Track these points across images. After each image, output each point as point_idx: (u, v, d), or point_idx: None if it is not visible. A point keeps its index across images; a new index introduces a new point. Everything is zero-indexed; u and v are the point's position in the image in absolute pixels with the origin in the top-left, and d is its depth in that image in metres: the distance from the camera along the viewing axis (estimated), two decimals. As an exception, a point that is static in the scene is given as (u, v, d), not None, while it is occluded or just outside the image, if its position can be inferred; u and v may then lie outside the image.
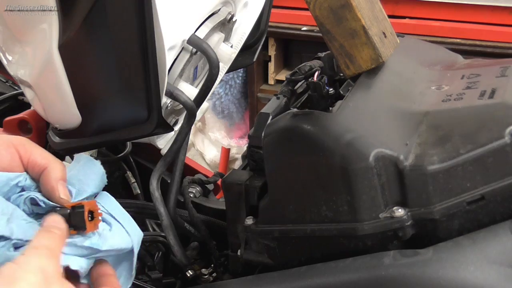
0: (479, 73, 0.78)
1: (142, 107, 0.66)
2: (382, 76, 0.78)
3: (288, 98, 0.83)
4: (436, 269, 0.59)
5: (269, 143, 0.71)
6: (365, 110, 0.73)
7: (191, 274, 0.89)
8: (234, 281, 0.78)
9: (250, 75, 2.33)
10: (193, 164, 1.16)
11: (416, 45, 0.94)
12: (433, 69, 0.84)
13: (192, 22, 0.71)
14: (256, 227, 0.73)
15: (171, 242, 0.80)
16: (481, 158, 0.62)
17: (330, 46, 0.80)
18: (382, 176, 0.64)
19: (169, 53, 0.67)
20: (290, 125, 0.70)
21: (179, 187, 0.84)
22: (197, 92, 0.73)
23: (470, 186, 0.62)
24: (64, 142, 0.70)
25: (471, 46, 1.91)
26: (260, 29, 0.92)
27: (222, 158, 2.51)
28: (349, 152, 0.65)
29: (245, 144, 1.61)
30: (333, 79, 0.87)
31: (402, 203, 0.64)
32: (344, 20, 0.78)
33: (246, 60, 0.93)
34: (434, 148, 0.64)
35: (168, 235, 0.80)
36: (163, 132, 0.73)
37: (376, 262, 0.63)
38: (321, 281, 0.65)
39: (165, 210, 0.79)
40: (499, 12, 1.93)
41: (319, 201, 0.67)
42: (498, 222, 0.63)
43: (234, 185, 0.75)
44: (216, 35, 0.76)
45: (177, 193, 0.82)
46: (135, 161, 1.08)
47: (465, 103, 0.71)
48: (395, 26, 0.87)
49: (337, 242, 0.67)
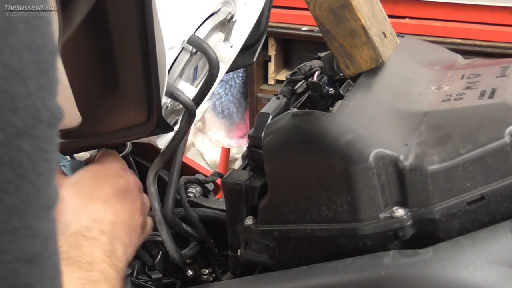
0: (479, 73, 0.78)
1: (142, 107, 0.66)
2: (382, 76, 0.78)
3: (288, 98, 0.83)
4: (436, 269, 0.59)
5: (269, 143, 0.71)
6: (365, 110, 0.73)
7: (191, 274, 0.89)
8: (234, 281, 0.78)
9: (250, 75, 2.32)
10: (193, 164, 1.16)
11: (416, 45, 0.94)
12: (433, 69, 0.84)
13: (192, 22, 0.71)
14: (256, 227, 0.73)
15: (163, 237, 0.80)
16: (481, 158, 0.62)
17: (330, 46, 0.80)
18: (382, 176, 0.64)
19: (169, 53, 0.67)
20: (290, 125, 0.70)
21: (177, 187, 0.84)
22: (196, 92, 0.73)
23: (470, 186, 0.62)
24: (64, 142, 0.70)
25: (471, 46, 1.91)
26: (260, 29, 0.92)
27: (222, 158, 2.51)
28: (349, 152, 0.65)
29: (245, 144, 1.61)
30: (333, 79, 0.87)
31: (402, 203, 0.64)
32: (344, 20, 0.78)
33: (246, 60, 0.93)
34: (434, 148, 0.64)
35: (161, 230, 0.80)
36: (163, 132, 0.73)
37: (376, 262, 0.63)
38: (321, 281, 0.65)
39: (160, 205, 0.79)
40: (499, 12, 1.93)
41: (319, 201, 0.67)
42: (498, 222, 0.63)
43: (234, 185, 0.75)
44: (216, 35, 0.76)
45: (175, 193, 0.82)
46: (135, 161, 1.07)
47: (465, 103, 0.71)
48: (395, 26, 0.87)
49: (337, 242, 0.67)
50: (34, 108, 0.34)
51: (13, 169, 0.33)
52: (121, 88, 0.66)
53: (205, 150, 2.59)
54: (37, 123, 0.34)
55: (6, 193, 0.33)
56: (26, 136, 0.34)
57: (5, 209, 0.33)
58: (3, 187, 0.33)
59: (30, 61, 0.34)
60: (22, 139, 0.34)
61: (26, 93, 0.33)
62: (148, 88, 0.64)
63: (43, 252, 0.36)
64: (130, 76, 0.64)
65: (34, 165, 0.35)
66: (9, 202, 0.34)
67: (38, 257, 0.36)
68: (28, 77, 0.34)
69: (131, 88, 0.65)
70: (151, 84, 0.63)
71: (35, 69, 0.34)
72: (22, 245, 0.35)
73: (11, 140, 0.33)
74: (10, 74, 0.33)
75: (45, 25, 0.35)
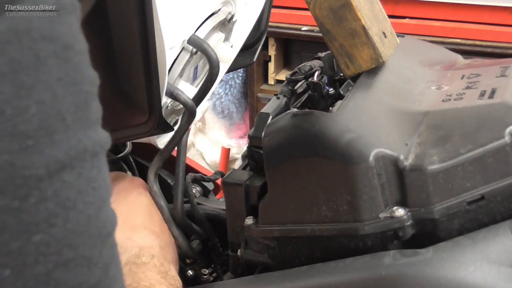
0: (479, 73, 0.78)
1: (142, 107, 0.66)
2: (382, 76, 0.78)
3: (288, 98, 0.83)
4: (436, 269, 0.59)
5: (269, 143, 0.71)
6: (365, 110, 0.73)
7: (191, 274, 0.89)
8: (234, 281, 0.78)
9: (250, 75, 2.32)
10: (193, 164, 1.16)
11: (416, 45, 0.94)
12: (433, 69, 0.84)
13: (192, 22, 0.71)
14: (256, 227, 0.73)
15: (174, 234, 0.80)
16: (481, 158, 0.62)
17: (330, 46, 0.80)
18: (382, 176, 0.64)
19: (169, 53, 0.67)
20: (290, 125, 0.70)
21: (184, 187, 0.83)
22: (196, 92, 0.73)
23: (470, 186, 0.62)
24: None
25: (471, 46, 1.91)
26: (260, 29, 0.92)
27: (222, 158, 2.51)
28: (349, 152, 0.65)
29: (245, 144, 1.61)
30: (333, 79, 0.87)
31: (402, 203, 0.64)
32: (344, 20, 0.78)
33: (246, 60, 0.93)
34: (434, 148, 0.64)
35: (171, 227, 0.80)
36: (163, 132, 0.73)
37: (376, 262, 0.63)
38: (321, 281, 0.65)
39: (165, 203, 0.79)
40: (499, 12, 1.93)
41: (319, 201, 0.67)
42: (498, 222, 0.63)
43: (234, 185, 0.75)
44: (216, 35, 0.76)
45: (183, 195, 0.82)
46: (135, 161, 1.08)
47: (465, 103, 0.71)
48: (395, 26, 0.87)
49: (337, 242, 0.67)
50: (75, 140, 0.34)
51: (58, 202, 0.33)
52: (121, 88, 0.66)
53: (205, 150, 2.59)
54: (79, 155, 0.34)
55: (54, 226, 0.33)
56: (68, 168, 0.34)
57: (54, 242, 0.33)
58: (50, 221, 0.33)
59: (65, 95, 0.34)
60: (65, 171, 0.34)
61: (63, 126, 0.34)
62: (148, 88, 0.64)
63: (104, 280, 0.36)
64: (130, 76, 0.64)
65: (80, 195, 0.35)
66: (58, 235, 0.34)
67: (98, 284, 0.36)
68: (65, 111, 0.34)
69: (131, 88, 0.65)
70: (151, 84, 0.63)
71: (72, 102, 0.34)
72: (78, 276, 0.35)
73: (53, 174, 0.33)
74: (45, 110, 0.33)
75: (78, 56, 0.35)
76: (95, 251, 0.36)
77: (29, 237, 0.33)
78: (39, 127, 0.32)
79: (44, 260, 0.33)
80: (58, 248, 0.34)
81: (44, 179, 0.33)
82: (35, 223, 0.33)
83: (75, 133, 0.34)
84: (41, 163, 0.33)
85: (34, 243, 0.33)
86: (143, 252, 0.70)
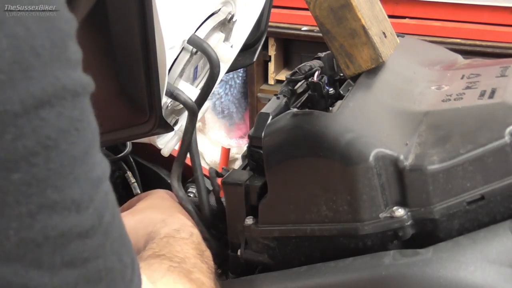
0: (479, 73, 0.78)
1: (142, 107, 0.66)
2: (382, 76, 0.78)
3: (288, 98, 0.83)
4: (436, 269, 0.59)
5: (269, 143, 0.71)
6: (365, 110, 0.73)
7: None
8: (234, 281, 0.78)
9: (250, 75, 2.32)
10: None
11: (416, 45, 0.94)
12: (433, 69, 0.84)
13: (192, 22, 0.71)
14: (256, 227, 0.73)
15: (208, 237, 0.80)
16: (481, 158, 0.62)
17: (330, 46, 0.80)
18: (382, 176, 0.64)
19: (169, 53, 0.67)
20: (290, 125, 0.70)
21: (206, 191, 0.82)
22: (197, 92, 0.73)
23: (470, 186, 0.62)
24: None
25: (471, 46, 1.91)
26: (260, 29, 0.92)
27: (222, 158, 2.51)
28: (349, 152, 0.65)
29: (245, 144, 1.61)
30: (333, 79, 0.87)
31: (402, 203, 0.64)
32: (344, 20, 0.78)
33: (246, 60, 0.93)
34: (434, 148, 0.64)
35: (202, 231, 0.79)
36: (163, 132, 0.73)
37: (376, 262, 0.63)
38: (321, 281, 0.65)
39: (193, 207, 0.79)
40: (499, 12, 1.93)
41: (319, 201, 0.67)
42: (498, 222, 0.63)
43: (234, 185, 0.75)
44: (216, 35, 0.76)
45: (207, 198, 0.81)
46: (135, 161, 1.08)
47: (465, 103, 0.71)
48: (395, 26, 0.87)
49: (337, 242, 0.67)
50: (52, 77, 0.33)
51: (38, 140, 0.32)
52: (121, 87, 0.66)
53: (205, 150, 2.59)
54: (58, 93, 0.33)
55: (35, 165, 0.32)
56: (47, 105, 0.32)
57: (36, 182, 0.32)
58: (29, 160, 0.32)
59: (39, 30, 0.33)
60: (43, 108, 0.32)
61: (39, 62, 0.32)
62: (149, 87, 0.64)
63: (97, 226, 0.35)
64: (130, 76, 0.64)
65: (62, 134, 0.33)
66: (40, 175, 0.32)
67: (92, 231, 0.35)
68: (39, 46, 0.32)
69: (132, 88, 0.65)
70: (151, 84, 0.63)
71: (47, 37, 0.33)
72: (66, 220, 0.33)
73: (30, 110, 0.32)
74: (17, 43, 0.32)
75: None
76: (84, 195, 0.34)
77: (7, 175, 0.31)
78: (12, 61, 0.31)
79: (26, 202, 0.32)
80: (41, 188, 0.32)
81: (21, 115, 0.31)
82: (13, 160, 0.31)
83: (53, 70, 0.33)
84: (16, 98, 0.31)
85: (14, 182, 0.32)
86: (183, 228, 0.70)
